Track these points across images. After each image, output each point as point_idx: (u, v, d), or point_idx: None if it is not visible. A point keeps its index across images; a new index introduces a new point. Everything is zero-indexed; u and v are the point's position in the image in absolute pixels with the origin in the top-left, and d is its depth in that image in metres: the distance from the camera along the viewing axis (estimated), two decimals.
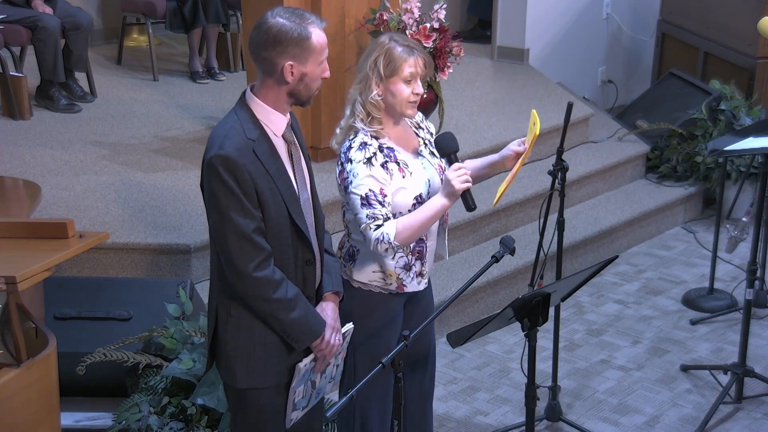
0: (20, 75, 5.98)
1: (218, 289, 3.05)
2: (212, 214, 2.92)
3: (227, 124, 2.93)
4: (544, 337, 4.71)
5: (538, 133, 3.31)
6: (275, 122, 2.96)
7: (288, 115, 3.01)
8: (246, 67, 6.11)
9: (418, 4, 5.26)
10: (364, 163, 3.21)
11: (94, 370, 3.86)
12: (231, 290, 2.98)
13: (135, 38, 7.59)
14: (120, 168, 5.36)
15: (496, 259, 3.19)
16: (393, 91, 3.25)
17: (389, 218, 3.21)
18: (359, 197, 3.20)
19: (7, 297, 3.29)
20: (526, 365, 3.39)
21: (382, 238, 3.19)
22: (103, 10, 7.60)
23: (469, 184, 3.23)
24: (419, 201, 3.30)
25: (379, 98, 3.25)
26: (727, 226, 5.35)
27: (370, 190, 3.20)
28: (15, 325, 3.32)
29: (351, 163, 3.22)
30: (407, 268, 3.37)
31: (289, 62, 2.88)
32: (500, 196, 3.35)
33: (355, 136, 3.27)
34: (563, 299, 3.63)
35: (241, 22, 6.94)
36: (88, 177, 5.23)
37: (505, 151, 3.43)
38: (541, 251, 4.04)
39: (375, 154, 3.23)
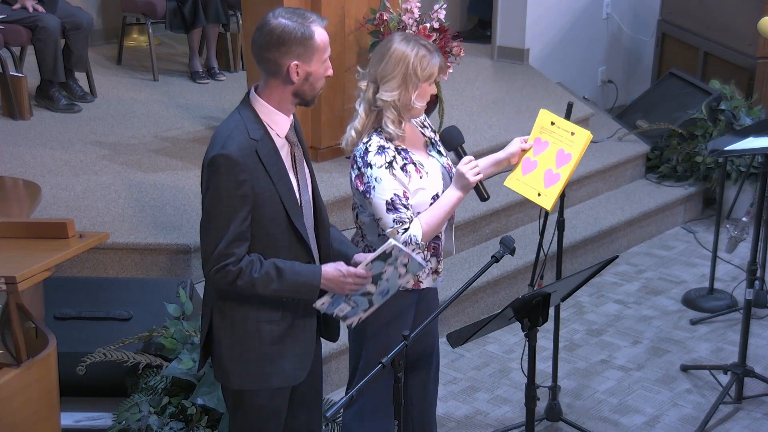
0: (20, 75, 5.98)
1: (212, 291, 3.05)
2: (203, 210, 2.94)
3: (230, 124, 2.93)
4: (544, 337, 4.71)
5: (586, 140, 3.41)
6: (279, 123, 2.96)
7: (291, 116, 3.01)
8: (246, 67, 6.11)
9: (418, 4, 5.26)
10: (386, 168, 3.24)
11: (94, 370, 3.86)
12: (224, 292, 2.99)
13: (135, 38, 7.59)
14: (120, 168, 5.36)
15: (496, 259, 3.21)
16: (422, 93, 3.29)
17: (412, 219, 3.25)
18: (384, 202, 3.23)
19: (7, 297, 3.30)
20: (526, 365, 3.39)
21: (410, 240, 3.23)
22: (103, 10, 7.60)
23: (481, 176, 3.34)
24: (436, 200, 3.34)
25: (418, 103, 3.28)
26: (727, 226, 5.35)
27: (394, 194, 3.23)
28: (15, 325, 3.33)
29: (371, 168, 3.24)
30: None
31: (294, 62, 2.88)
32: (556, 200, 3.43)
33: (370, 139, 3.28)
34: (563, 299, 3.64)
35: (241, 22, 6.94)
36: (88, 177, 5.23)
37: (512, 148, 3.51)
38: (541, 251, 4.04)
39: (394, 157, 3.26)
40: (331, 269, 2.99)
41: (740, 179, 5.92)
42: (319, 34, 2.91)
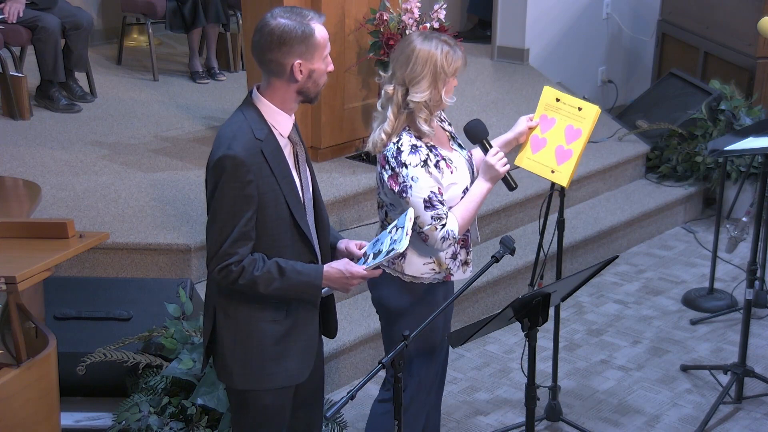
0: (20, 75, 5.98)
1: (216, 290, 3.06)
2: (209, 211, 2.95)
3: (234, 125, 2.93)
4: (544, 337, 4.71)
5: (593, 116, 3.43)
6: (282, 123, 2.97)
7: (293, 115, 3.02)
8: (246, 67, 6.11)
9: (418, 4, 5.26)
10: (421, 167, 3.28)
11: (94, 370, 3.86)
12: (228, 292, 2.99)
13: (135, 38, 7.59)
14: (120, 168, 5.37)
15: (496, 259, 3.21)
16: (450, 88, 3.36)
17: (448, 215, 3.31)
18: (422, 200, 3.27)
19: (7, 297, 3.30)
20: (526, 365, 3.39)
21: (447, 236, 3.30)
22: (103, 10, 7.60)
23: (509, 166, 3.40)
24: (466, 193, 3.39)
25: (447, 98, 3.35)
26: (727, 226, 5.36)
27: (431, 191, 3.28)
28: (15, 325, 3.33)
29: (407, 167, 3.28)
30: (454, 257, 3.45)
31: (298, 61, 2.89)
32: (571, 176, 3.48)
33: (400, 139, 3.31)
34: (563, 299, 3.64)
35: (241, 22, 6.95)
36: (88, 177, 5.23)
37: (519, 127, 3.58)
38: (541, 251, 4.04)
39: (428, 155, 3.31)
40: (334, 271, 3.00)
41: (740, 179, 5.92)
42: (319, 31, 2.92)
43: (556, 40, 7.44)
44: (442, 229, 3.28)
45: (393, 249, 3.00)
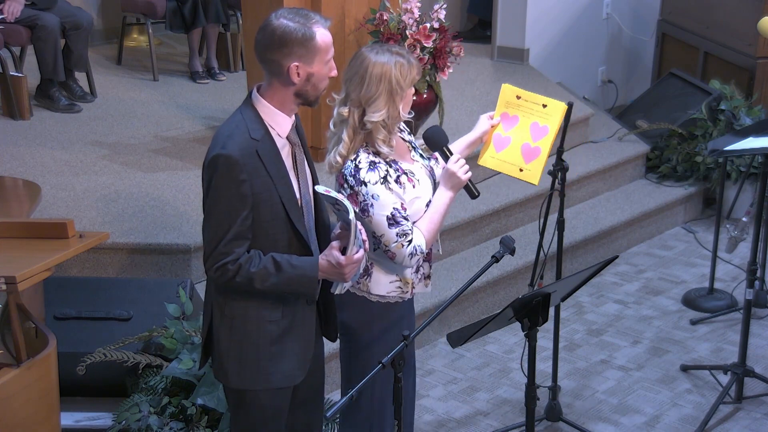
0: (20, 75, 5.98)
1: (213, 289, 3.06)
2: (204, 209, 2.95)
3: (231, 124, 2.94)
4: (544, 337, 4.71)
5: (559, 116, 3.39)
6: (280, 123, 2.97)
7: (293, 116, 3.01)
8: (246, 67, 6.11)
9: (418, 4, 5.26)
10: (381, 183, 3.18)
11: (94, 370, 3.87)
12: (225, 291, 3.00)
13: (135, 38, 7.59)
14: (120, 168, 5.37)
15: (496, 259, 3.20)
16: (408, 100, 3.25)
17: (413, 230, 3.22)
18: (385, 218, 3.18)
19: (7, 297, 3.30)
20: (526, 365, 3.39)
21: (415, 251, 3.21)
22: (103, 10, 7.60)
23: (471, 173, 3.30)
24: (429, 205, 3.31)
25: (405, 112, 3.25)
26: (727, 226, 5.36)
27: (394, 208, 3.18)
28: (15, 325, 3.33)
29: (366, 185, 3.17)
30: (416, 270, 3.37)
31: (295, 63, 2.88)
32: (541, 174, 3.43)
33: (358, 156, 3.21)
34: (563, 299, 3.64)
35: (241, 22, 6.95)
36: (88, 177, 5.23)
37: (482, 127, 3.50)
38: (541, 251, 4.04)
39: (387, 171, 3.21)
40: (325, 262, 2.98)
41: (740, 179, 5.92)
42: (321, 35, 2.91)
43: (556, 40, 7.44)
44: (409, 245, 3.19)
45: (351, 221, 2.92)
